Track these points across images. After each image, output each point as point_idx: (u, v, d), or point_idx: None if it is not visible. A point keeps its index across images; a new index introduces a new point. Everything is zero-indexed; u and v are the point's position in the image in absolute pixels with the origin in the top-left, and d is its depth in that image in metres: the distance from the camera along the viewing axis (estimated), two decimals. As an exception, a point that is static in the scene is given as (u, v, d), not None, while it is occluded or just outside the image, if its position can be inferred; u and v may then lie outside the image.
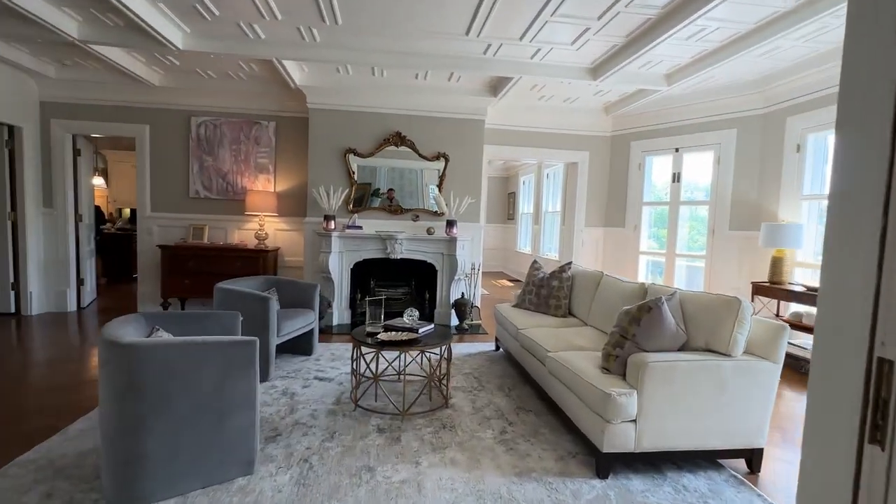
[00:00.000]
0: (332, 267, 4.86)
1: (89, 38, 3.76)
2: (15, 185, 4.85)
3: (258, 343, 2.00)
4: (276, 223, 5.46)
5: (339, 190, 4.95)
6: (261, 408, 2.71)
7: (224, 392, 1.92)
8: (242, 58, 4.08)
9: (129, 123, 5.18)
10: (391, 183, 5.19)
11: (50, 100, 5.03)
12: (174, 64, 4.60)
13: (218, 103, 5.25)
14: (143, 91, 5.09)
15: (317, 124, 5.05)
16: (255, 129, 5.34)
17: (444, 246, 5.07)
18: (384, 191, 5.19)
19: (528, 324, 3.48)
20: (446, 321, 5.19)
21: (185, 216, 5.32)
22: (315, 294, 3.79)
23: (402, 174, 5.23)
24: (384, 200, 5.19)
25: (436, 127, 5.22)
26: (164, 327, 2.32)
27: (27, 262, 4.94)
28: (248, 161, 5.37)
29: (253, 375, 1.98)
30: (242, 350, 1.95)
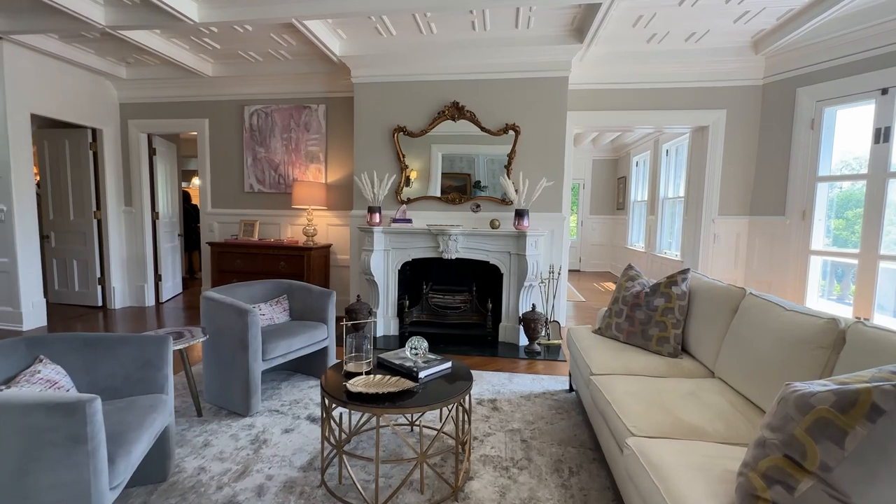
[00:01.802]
0: (374, 267, 4.11)
1: (116, 23, 3.53)
2: (99, 185, 5.09)
3: (94, 410, 1.24)
4: (327, 217, 4.92)
5: (385, 177, 4.16)
6: (208, 463, 2.02)
7: (29, 483, 1.19)
8: (258, 22, 3.51)
9: (191, 119, 5.10)
10: (447, 165, 4.24)
11: (127, 101, 5.18)
12: (214, 47, 4.28)
13: (268, 89, 4.88)
14: (199, 84, 4.95)
15: (362, 101, 4.34)
16: (304, 115, 4.86)
17: (511, 243, 3.95)
18: (438, 175, 4.26)
19: (608, 365, 2.24)
20: (513, 339, 4.07)
21: (240, 211, 5.09)
22: (328, 303, 3.04)
23: (460, 154, 4.24)
24: (439, 187, 4.26)
25: (502, 92, 4.11)
26: (55, 358, 1.72)
27: (110, 258, 5.18)
28: (299, 150, 4.91)
29: (86, 459, 1.22)
30: (59, 421, 1.20)
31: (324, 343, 2.99)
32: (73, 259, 5.21)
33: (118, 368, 1.79)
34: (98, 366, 1.78)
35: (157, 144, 5.45)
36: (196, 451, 2.12)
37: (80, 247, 5.17)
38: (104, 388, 1.77)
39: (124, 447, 1.42)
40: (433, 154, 4.26)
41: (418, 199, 4.29)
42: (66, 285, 5.26)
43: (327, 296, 3.05)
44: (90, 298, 5.21)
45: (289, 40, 4.06)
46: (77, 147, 5.04)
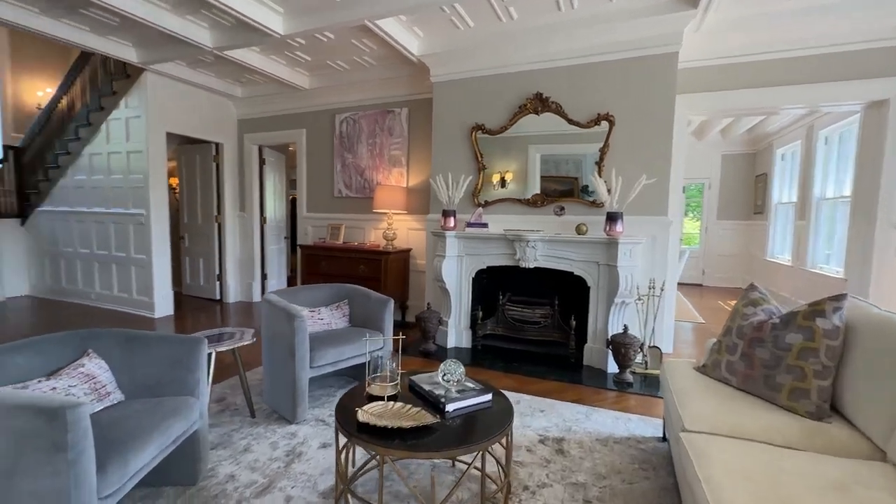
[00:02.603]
0: (446, 274, 3.88)
1: (220, 44, 3.88)
2: (220, 193, 5.76)
3: (74, 417, 1.19)
4: (407, 222, 4.86)
5: (462, 178, 3.92)
6: (240, 471, 1.96)
7: (16, 485, 1.18)
8: (335, 27, 3.53)
9: (292, 129, 5.48)
10: (530, 163, 3.83)
11: (243, 117, 5.79)
12: (306, 60, 4.51)
13: (356, 97, 5.00)
14: (298, 96, 5.29)
15: (441, 100, 4.16)
16: (388, 119, 4.87)
17: (600, 251, 3.39)
18: (520, 175, 3.87)
19: (708, 420, 1.66)
20: (601, 364, 3.48)
21: (330, 216, 5.30)
22: (385, 311, 2.88)
23: (542, 151, 3.80)
24: (519, 189, 3.87)
25: (593, 78, 3.57)
26: (102, 352, 1.80)
27: (226, 257, 5.82)
28: (383, 154, 4.94)
29: (68, 469, 1.18)
30: (43, 426, 1.16)
31: (379, 353, 2.82)
32: (200, 257, 5.97)
33: (153, 368, 1.82)
34: (137, 363, 1.83)
35: (266, 155, 5.99)
36: (234, 456, 2.10)
37: (205, 247, 5.90)
38: (140, 386, 1.81)
39: (121, 455, 1.37)
40: (514, 151, 3.89)
41: (496, 201, 3.96)
42: (195, 280, 6.05)
43: (384, 303, 2.90)
44: (210, 292, 5.92)
45: (369, 45, 4.07)
46: (204, 160, 5.77)
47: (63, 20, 3.71)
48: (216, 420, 2.46)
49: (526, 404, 2.78)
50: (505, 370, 3.44)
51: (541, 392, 3.01)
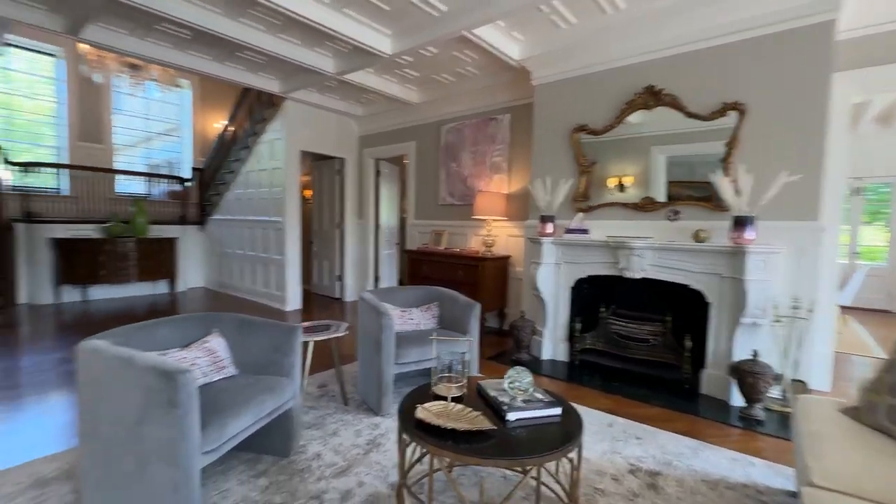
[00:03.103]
0: (542, 282, 3.73)
1: (341, 70, 4.37)
2: (342, 202, 6.44)
3: (184, 381, 1.43)
4: (507, 228, 4.81)
5: (561, 182, 3.74)
6: (326, 452, 2.14)
7: (143, 432, 1.46)
8: (436, 42, 3.69)
9: (403, 142, 5.88)
10: (639, 164, 3.50)
11: (363, 133, 6.40)
12: (414, 76, 4.80)
13: (460, 107, 5.15)
14: (409, 111, 5.65)
15: (542, 103, 4.05)
16: (490, 126, 4.91)
17: (723, 262, 2.92)
18: (627, 177, 3.56)
19: (847, 477, 1.30)
20: (722, 394, 2.97)
21: (435, 223, 5.52)
22: (471, 315, 2.88)
23: (639, 146, 3.43)
24: (627, 192, 3.55)
25: (717, 62, 3.11)
26: (224, 332, 2.14)
27: (346, 260, 6.46)
28: (485, 162, 4.99)
29: (177, 423, 1.43)
30: (163, 385, 1.43)
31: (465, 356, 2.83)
32: (325, 259, 6.73)
33: (259, 349, 2.10)
34: (247, 344, 2.13)
35: (381, 167, 6.52)
36: (324, 438, 2.30)
37: (329, 250, 6.64)
38: (248, 364, 2.11)
39: (221, 419, 1.61)
40: (620, 151, 3.59)
41: (600, 206, 3.69)
42: (321, 279, 6.84)
43: (471, 307, 2.90)
44: (332, 291, 6.62)
45: (471, 55, 4.17)
46: (331, 173, 6.52)
47: (227, 63, 4.56)
48: (315, 403, 2.73)
49: (620, 428, 2.51)
50: (603, 389, 3.16)
51: (640, 417, 2.68)
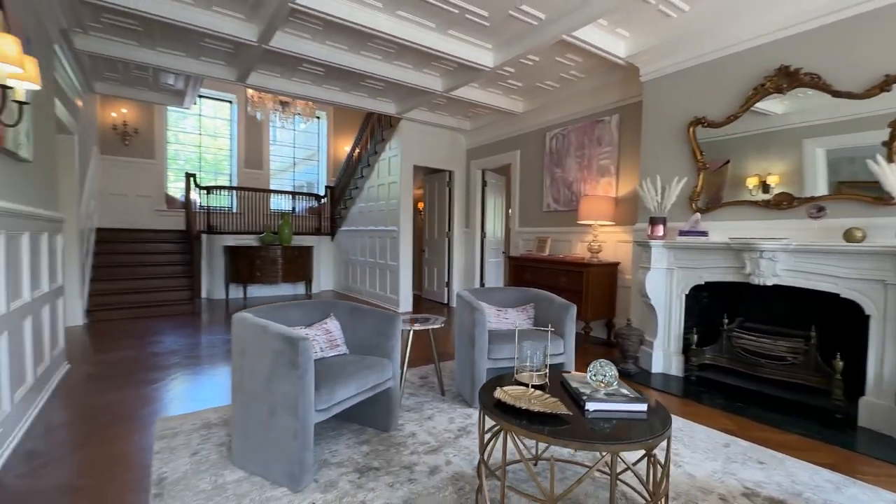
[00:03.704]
0: (652, 289, 3.47)
1: (448, 87, 4.70)
2: (450, 212, 6.79)
3: (303, 346, 1.74)
4: (616, 233, 4.57)
5: (674, 181, 3.47)
6: (421, 432, 2.32)
7: (273, 386, 1.80)
8: (535, 51, 3.74)
9: (508, 152, 6.00)
10: (768, 156, 3.08)
11: (470, 146, 6.70)
12: (517, 86, 4.91)
13: (565, 112, 5.10)
14: (513, 121, 5.77)
15: (651, 99, 3.82)
16: (597, 129, 4.76)
17: (890, 265, 2.41)
18: (772, 175, 3.15)
19: None
20: (889, 429, 2.41)
21: (538, 230, 5.50)
22: (567, 316, 2.83)
23: (787, 139, 2.99)
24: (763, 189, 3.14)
25: (873, 31, 2.61)
26: (338, 316, 2.48)
27: (453, 267, 6.77)
28: (591, 165, 4.84)
29: (297, 381, 1.73)
30: (287, 349, 1.75)
31: (559, 358, 2.80)
32: (435, 266, 7.14)
33: (365, 332, 2.39)
34: (356, 327, 2.43)
35: (488, 178, 6.72)
36: (420, 420, 2.48)
37: (438, 258, 7.03)
38: (357, 344, 2.40)
39: (331, 385, 1.89)
40: (745, 144, 3.20)
41: (722, 205, 3.31)
42: (430, 285, 7.26)
43: (566, 309, 2.86)
44: (440, 296, 6.98)
45: (574, 58, 4.13)
46: (440, 185, 6.94)
47: (353, 92, 5.25)
48: (415, 391, 2.96)
49: (739, 450, 2.22)
50: (724, 409, 2.81)
51: (768, 442, 2.32)
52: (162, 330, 4.69)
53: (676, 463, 2.06)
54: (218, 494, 1.74)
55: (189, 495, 1.73)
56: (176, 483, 1.82)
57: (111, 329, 4.68)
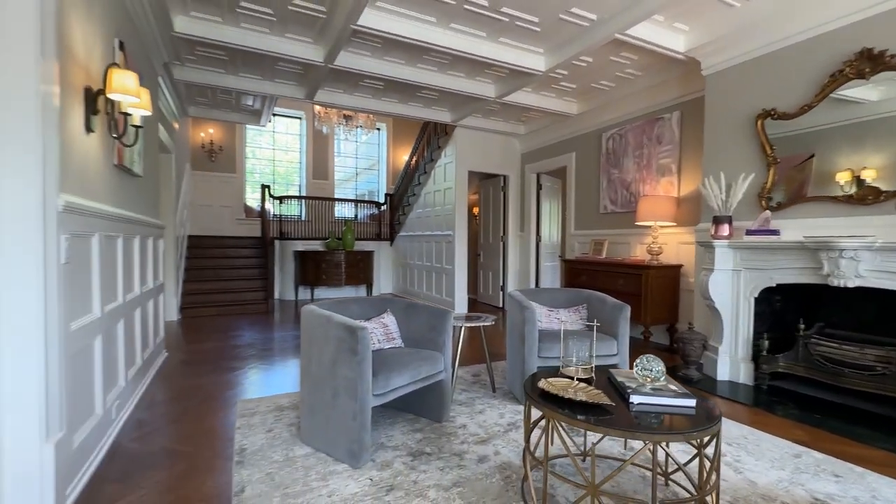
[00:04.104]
0: (716, 291, 3.30)
1: (501, 93, 4.80)
2: (505, 216, 6.84)
3: (362, 335, 1.91)
4: (678, 235, 4.39)
5: (740, 178, 3.30)
6: (471, 424, 2.41)
7: (335, 371, 1.99)
8: (587, 52, 3.73)
9: (563, 155, 5.95)
10: (862, 148, 2.83)
11: (525, 150, 6.72)
12: (571, 88, 4.89)
13: (622, 111, 4.99)
14: (568, 123, 5.72)
15: (714, 92, 3.66)
16: (657, 127, 4.61)
17: None
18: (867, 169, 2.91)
19: None
20: None
21: (595, 232, 5.39)
22: (620, 317, 2.79)
23: (872, 127, 2.74)
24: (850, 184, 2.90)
25: (976, 0, 2.35)
26: (394, 312, 2.66)
27: (508, 271, 6.80)
28: (650, 165, 4.69)
29: (356, 366, 1.91)
30: (348, 336, 1.94)
31: (612, 359, 2.76)
32: (490, 271, 7.21)
33: (419, 327, 2.53)
34: (411, 323, 2.58)
35: (543, 181, 6.69)
36: (471, 414, 2.58)
37: (493, 262, 7.09)
38: (411, 338, 2.55)
39: (387, 373, 2.05)
40: (822, 135, 2.97)
41: (796, 202, 3.09)
42: (485, 289, 7.33)
43: (619, 309, 2.82)
44: (495, 300, 7.02)
45: (629, 56, 4.06)
46: (495, 190, 7.02)
47: (409, 103, 5.51)
48: (468, 387, 3.05)
49: (811, 461, 2.07)
50: (798, 420, 2.61)
51: (847, 456, 2.14)
52: (241, 326, 5.20)
53: (737, 469, 1.98)
54: (289, 465, 1.95)
55: (265, 464, 1.96)
56: (254, 454, 2.06)
57: (200, 324, 5.26)
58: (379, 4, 3.24)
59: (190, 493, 1.76)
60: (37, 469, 1.52)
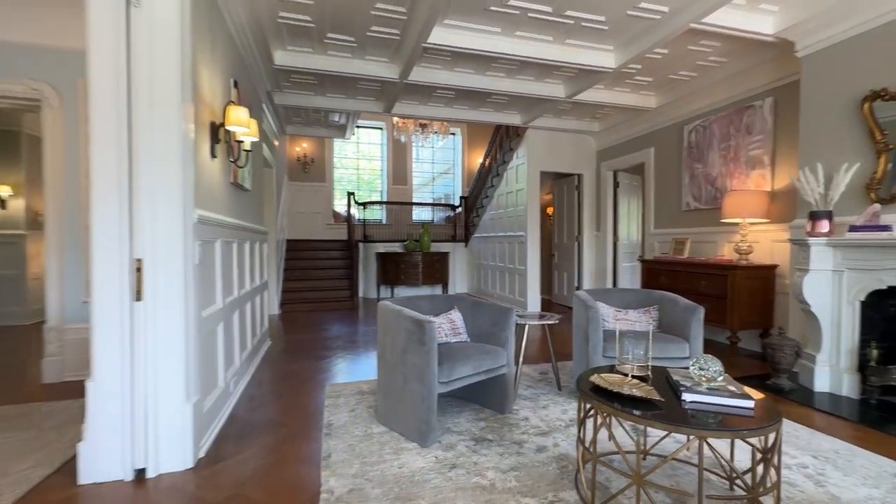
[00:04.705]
0: (811, 294, 3.01)
1: (570, 93, 4.78)
2: (580, 216, 6.72)
3: (429, 328, 2.13)
4: (771, 232, 4.03)
5: (842, 168, 2.98)
6: (533, 418, 2.52)
7: (406, 359, 2.23)
8: (662, 43, 3.58)
9: (641, 150, 5.71)
10: None
11: (600, 147, 6.54)
12: (648, 81, 4.70)
13: (705, 102, 4.68)
14: (646, 118, 5.49)
15: (811, 75, 3.33)
16: (745, 116, 4.26)
17: None
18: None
19: None
20: None
21: (677, 230, 5.11)
22: (693, 319, 2.68)
23: None
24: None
25: None
26: (460, 308, 2.85)
27: (583, 271, 6.67)
28: (738, 158, 4.35)
29: (424, 355, 2.13)
30: (416, 329, 2.17)
31: (683, 361, 2.68)
32: (564, 271, 7.12)
33: (483, 323, 2.69)
34: (476, 319, 2.76)
35: (621, 178, 6.46)
36: (535, 409, 2.68)
37: (568, 262, 6.99)
38: (476, 333, 2.72)
39: (451, 363, 2.24)
40: (945, 116, 2.59)
41: (910, 193, 2.73)
42: (560, 290, 7.25)
43: (692, 311, 2.72)
44: (570, 301, 6.91)
45: (710, 44, 3.83)
46: (569, 189, 6.92)
47: (480, 109, 5.68)
48: (533, 384, 3.14)
49: (915, 482, 1.86)
50: (912, 440, 2.32)
51: (968, 481, 1.88)
52: (330, 321, 5.77)
53: (818, 482, 1.85)
54: (367, 440, 2.24)
55: (347, 437, 2.26)
56: (339, 428, 2.38)
57: (296, 318, 5.94)
58: (447, 22, 3.47)
59: (288, 455, 2.12)
60: (181, 423, 1.96)
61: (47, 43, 3.29)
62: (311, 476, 1.92)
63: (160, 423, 1.94)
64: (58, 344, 3.30)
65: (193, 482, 1.87)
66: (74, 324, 3.30)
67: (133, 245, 1.91)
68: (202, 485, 1.85)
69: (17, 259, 5.51)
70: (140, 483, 1.87)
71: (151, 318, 1.93)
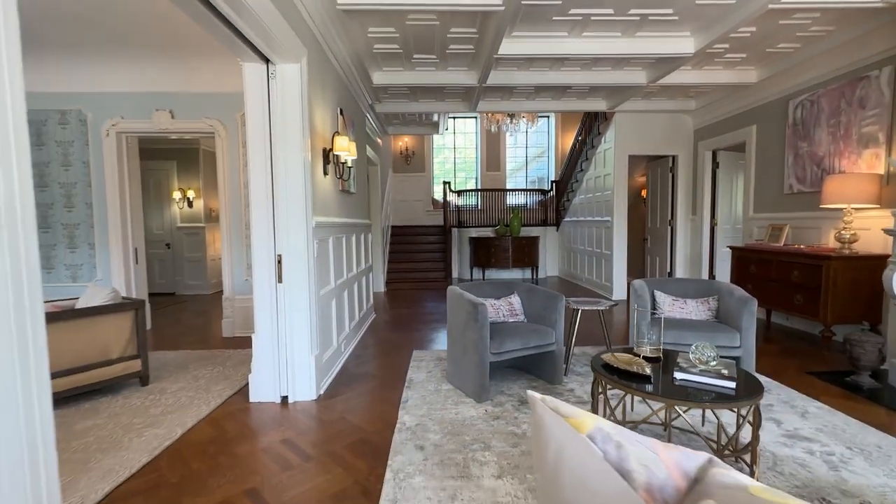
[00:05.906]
0: (903, 289, 2.81)
1: (651, 79, 4.73)
2: (673, 199, 6.48)
3: (481, 309, 2.66)
4: (884, 219, 3.65)
5: (953, 151, 2.69)
6: (578, 389, 2.91)
7: (465, 333, 2.80)
8: (742, 24, 3.43)
9: (742, 129, 5.33)
10: None
11: (698, 126, 6.18)
12: (742, 57, 4.42)
13: (811, 74, 4.26)
14: (747, 93, 5.10)
15: (926, 45, 2.96)
16: (859, 89, 3.84)
17: None
18: None
19: None
20: None
21: (778, 215, 4.76)
22: (745, 311, 2.76)
23: None
24: None
25: None
26: (519, 293, 3.32)
27: (676, 257, 6.46)
28: (849, 135, 3.94)
29: (478, 331, 2.68)
30: (472, 309, 2.72)
31: (734, 352, 2.80)
32: (657, 256, 6.95)
33: (537, 306, 3.12)
34: (531, 302, 3.19)
35: (721, 158, 6.05)
36: (582, 383, 3.05)
37: (661, 247, 6.81)
38: (532, 315, 3.16)
39: (501, 339, 2.75)
40: None
41: None
42: (653, 275, 7.09)
43: (744, 303, 2.80)
44: (661, 287, 6.75)
45: (809, 15, 3.54)
46: (663, 172, 6.68)
47: (562, 99, 5.84)
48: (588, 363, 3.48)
49: (951, 481, 1.87)
50: None
51: None
52: (426, 298, 6.60)
53: (834, 466, 1.97)
54: (436, 393, 2.88)
55: (421, 390, 2.94)
56: (417, 384, 3.07)
57: (398, 295, 6.91)
58: (514, 35, 3.82)
59: (378, 398, 2.87)
60: (307, 368, 2.83)
61: (214, 90, 4.48)
62: (392, 413, 2.63)
63: (296, 367, 2.82)
64: (230, 309, 4.58)
65: (316, 408, 2.72)
66: (241, 295, 4.54)
67: (276, 244, 2.78)
68: (321, 410, 2.69)
69: (200, 245, 7.35)
70: (284, 404, 2.78)
71: (288, 295, 2.80)
